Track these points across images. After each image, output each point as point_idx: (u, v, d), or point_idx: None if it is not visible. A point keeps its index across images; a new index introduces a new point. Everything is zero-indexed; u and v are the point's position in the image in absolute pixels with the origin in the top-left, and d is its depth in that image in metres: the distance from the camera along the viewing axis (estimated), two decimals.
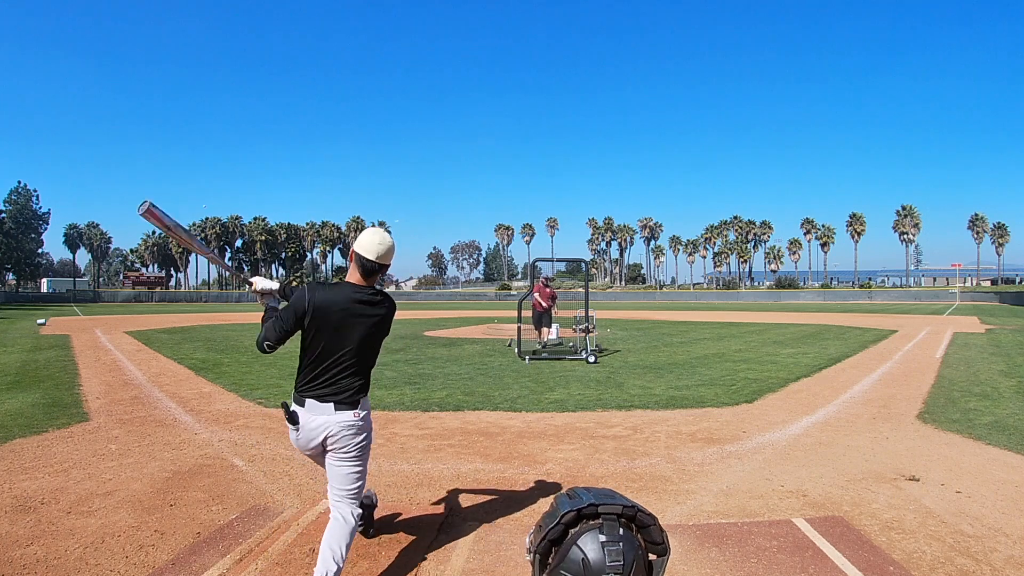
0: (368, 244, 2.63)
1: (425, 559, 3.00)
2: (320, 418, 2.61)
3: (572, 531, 0.98)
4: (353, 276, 2.67)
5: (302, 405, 2.64)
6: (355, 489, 2.71)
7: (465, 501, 3.80)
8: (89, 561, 2.93)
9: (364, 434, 2.70)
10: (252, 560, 2.95)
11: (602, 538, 0.96)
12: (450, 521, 3.47)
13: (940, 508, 3.63)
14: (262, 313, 2.74)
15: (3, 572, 2.81)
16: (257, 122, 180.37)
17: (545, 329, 13.23)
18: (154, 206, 2.54)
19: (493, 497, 3.87)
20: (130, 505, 3.67)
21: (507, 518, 3.51)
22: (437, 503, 3.77)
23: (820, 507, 3.67)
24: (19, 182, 72.77)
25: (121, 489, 3.96)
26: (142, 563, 2.92)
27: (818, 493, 3.91)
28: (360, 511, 2.74)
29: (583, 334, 11.35)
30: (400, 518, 3.52)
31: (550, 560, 1.00)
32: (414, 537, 3.25)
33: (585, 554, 0.95)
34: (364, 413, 2.69)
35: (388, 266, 2.69)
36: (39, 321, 22.62)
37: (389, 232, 2.70)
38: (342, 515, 2.65)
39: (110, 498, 3.79)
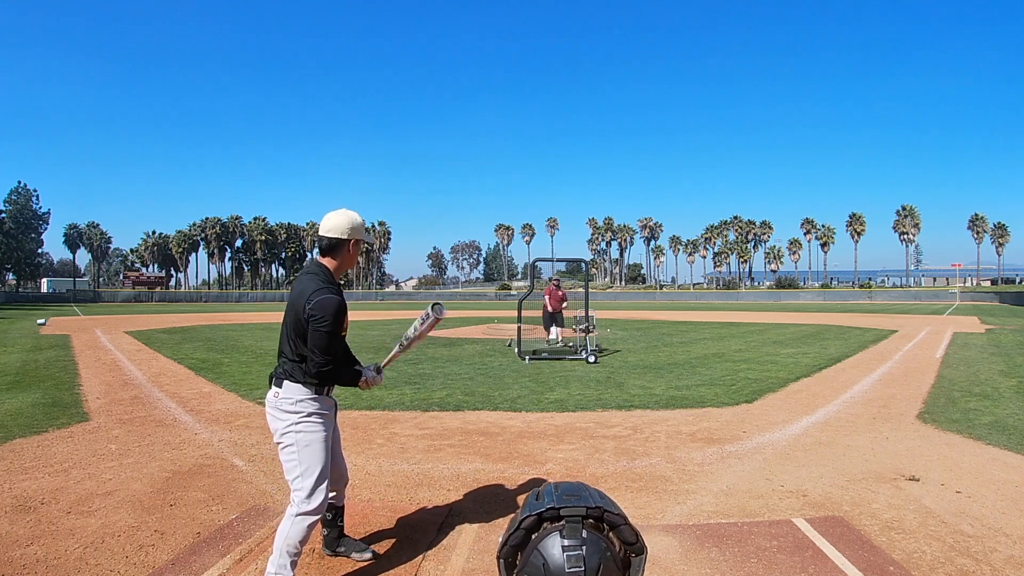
0: (323, 224, 2.68)
1: (425, 559, 3.00)
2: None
3: (534, 536, 0.95)
4: (319, 258, 2.72)
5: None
6: (291, 480, 2.56)
7: (465, 501, 3.80)
8: (89, 561, 2.93)
9: (284, 418, 2.56)
10: (252, 560, 2.95)
11: (564, 542, 0.92)
12: (450, 521, 3.47)
13: (940, 508, 3.63)
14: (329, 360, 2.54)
15: (3, 572, 2.81)
16: (257, 122, 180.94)
17: (548, 328, 13.28)
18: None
19: (493, 497, 3.87)
20: (130, 505, 3.67)
21: (507, 518, 3.51)
22: (437, 503, 3.77)
23: (820, 507, 3.67)
24: (19, 182, 72.93)
25: (121, 489, 3.96)
26: (142, 563, 2.92)
27: (818, 493, 3.91)
28: (302, 511, 2.51)
29: (583, 334, 11.35)
30: (400, 518, 3.52)
31: (516, 562, 0.97)
32: (414, 537, 3.25)
33: (545, 559, 0.91)
34: (285, 398, 2.58)
35: (346, 240, 2.65)
36: (39, 321, 22.62)
37: (348, 211, 2.70)
38: (287, 511, 2.56)
39: (110, 498, 3.79)
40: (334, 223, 2.63)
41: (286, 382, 2.59)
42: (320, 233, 2.68)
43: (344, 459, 3.00)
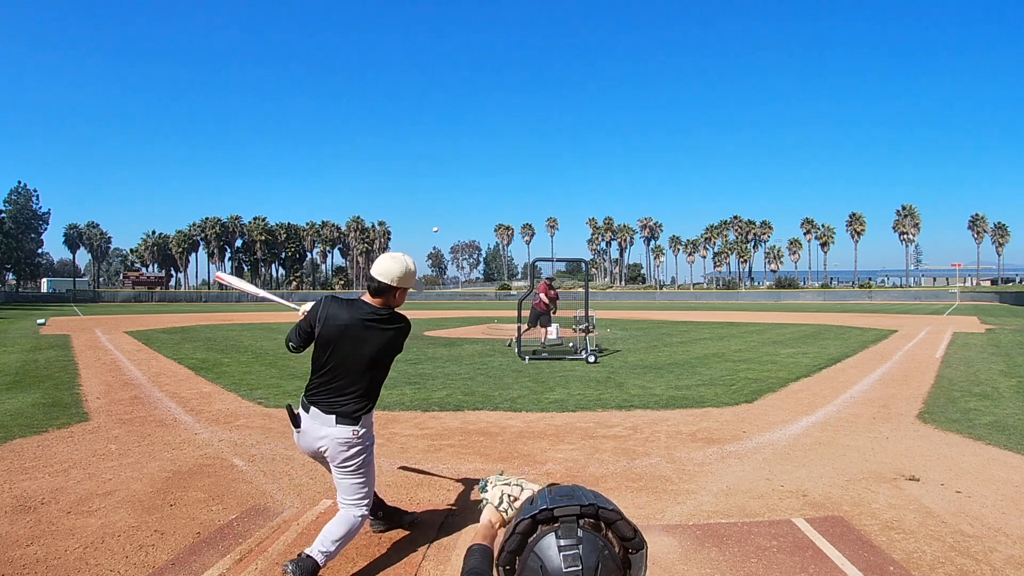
0: (376, 265, 2.71)
1: (425, 559, 3.00)
2: (322, 429, 2.67)
3: (530, 540, 0.95)
4: (366, 295, 2.75)
5: (307, 411, 2.71)
6: (357, 497, 2.79)
7: (465, 501, 3.80)
8: (89, 561, 2.93)
9: (361, 449, 2.73)
10: (252, 560, 2.96)
11: (560, 543, 0.93)
12: (450, 521, 3.47)
13: (940, 508, 3.63)
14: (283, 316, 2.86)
15: (3, 572, 2.81)
16: (257, 122, 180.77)
17: (545, 329, 13.23)
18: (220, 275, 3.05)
19: None
20: (130, 505, 3.67)
21: None
22: (437, 503, 3.77)
23: (820, 507, 3.67)
24: (19, 182, 73.01)
25: (121, 489, 3.96)
26: (142, 563, 2.92)
27: (818, 493, 3.91)
28: (364, 512, 2.82)
29: (583, 334, 11.35)
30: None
31: (515, 568, 0.97)
32: (414, 537, 3.25)
33: (543, 561, 0.92)
34: (364, 431, 2.72)
35: (394, 287, 2.69)
36: (39, 321, 22.61)
37: (405, 258, 2.72)
38: (348, 514, 2.76)
39: (110, 498, 3.79)
40: (386, 268, 2.66)
41: (365, 416, 2.74)
42: (371, 273, 2.71)
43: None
